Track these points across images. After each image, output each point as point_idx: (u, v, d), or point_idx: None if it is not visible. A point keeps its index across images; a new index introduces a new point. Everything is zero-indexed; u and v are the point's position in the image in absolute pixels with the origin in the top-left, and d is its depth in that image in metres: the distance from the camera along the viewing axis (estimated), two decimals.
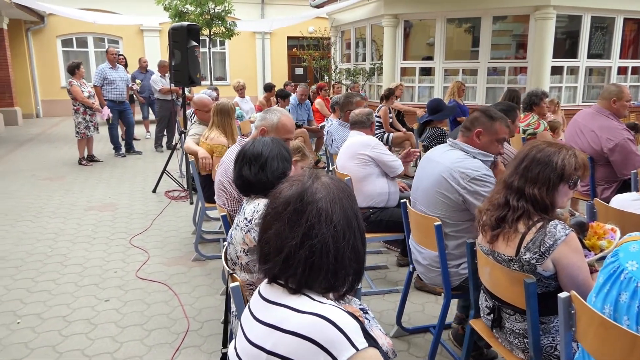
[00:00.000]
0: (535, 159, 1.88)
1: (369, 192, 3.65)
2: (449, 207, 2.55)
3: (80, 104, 7.65)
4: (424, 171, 2.75)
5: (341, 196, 1.17)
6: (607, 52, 9.64)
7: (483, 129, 2.57)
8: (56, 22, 14.36)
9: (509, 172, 1.97)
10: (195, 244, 4.20)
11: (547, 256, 1.80)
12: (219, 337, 2.93)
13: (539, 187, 1.84)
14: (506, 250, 1.92)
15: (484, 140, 2.58)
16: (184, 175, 6.57)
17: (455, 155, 2.58)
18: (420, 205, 2.72)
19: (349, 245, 1.14)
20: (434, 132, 5.26)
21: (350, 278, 1.17)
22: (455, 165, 2.52)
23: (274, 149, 2.17)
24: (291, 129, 2.94)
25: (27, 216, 5.31)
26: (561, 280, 1.84)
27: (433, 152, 2.80)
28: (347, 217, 1.15)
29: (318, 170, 1.24)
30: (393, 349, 1.48)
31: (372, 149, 3.69)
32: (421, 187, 2.74)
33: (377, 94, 10.93)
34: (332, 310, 1.06)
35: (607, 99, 3.95)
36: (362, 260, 1.19)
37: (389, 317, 3.18)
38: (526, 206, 1.86)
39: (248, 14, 15.67)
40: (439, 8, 9.67)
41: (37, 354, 2.78)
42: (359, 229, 1.18)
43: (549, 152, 1.87)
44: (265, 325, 1.11)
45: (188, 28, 5.80)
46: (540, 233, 1.81)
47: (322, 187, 1.16)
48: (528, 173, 1.88)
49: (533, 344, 1.86)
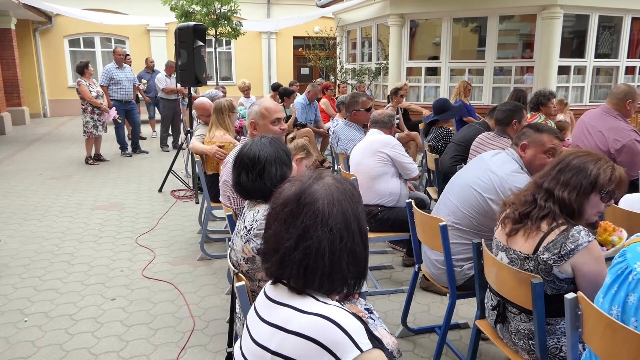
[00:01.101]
0: (570, 164, 1.87)
1: (381, 191, 3.66)
2: (483, 211, 2.55)
3: (88, 104, 7.69)
4: (470, 171, 2.73)
5: (341, 198, 1.13)
6: (615, 51, 9.56)
7: (528, 142, 2.54)
8: (63, 23, 14.45)
9: (542, 173, 1.96)
10: (201, 243, 4.21)
11: (566, 259, 1.79)
12: (224, 337, 2.93)
13: (569, 191, 1.83)
14: (523, 247, 1.91)
15: (530, 154, 2.54)
16: (190, 174, 6.59)
17: (510, 168, 2.54)
18: (454, 198, 2.71)
19: (346, 249, 1.11)
20: (440, 131, 5.25)
21: (350, 281, 1.15)
22: (510, 179, 2.48)
23: (271, 152, 2.10)
24: (276, 108, 2.96)
25: (34, 215, 5.35)
26: (580, 286, 1.82)
27: (489, 155, 2.73)
28: (346, 220, 1.12)
29: (322, 171, 1.22)
30: (398, 348, 1.47)
31: (392, 149, 3.71)
32: (459, 183, 2.73)
33: (383, 93, 10.92)
34: (337, 312, 1.06)
35: (622, 99, 3.90)
36: (362, 263, 1.16)
37: (394, 317, 3.18)
38: (553, 207, 1.84)
39: (254, 14, 15.70)
40: (445, 8, 9.63)
41: (44, 352, 2.80)
42: (359, 232, 1.15)
43: (586, 160, 1.86)
44: (270, 325, 1.11)
45: (194, 28, 5.82)
46: (563, 236, 1.80)
47: (322, 188, 1.14)
48: (561, 176, 1.87)
49: (539, 345, 1.85)
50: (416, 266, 2.92)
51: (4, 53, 12.45)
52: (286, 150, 2.19)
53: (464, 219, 2.63)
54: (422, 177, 5.77)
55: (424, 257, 2.88)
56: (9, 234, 4.74)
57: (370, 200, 3.64)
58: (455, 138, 4.63)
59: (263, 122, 2.94)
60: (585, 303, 1.50)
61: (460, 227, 2.64)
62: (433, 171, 4.64)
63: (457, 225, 2.65)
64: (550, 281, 1.85)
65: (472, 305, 3.14)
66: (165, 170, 6.58)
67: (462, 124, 6.66)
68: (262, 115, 2.92)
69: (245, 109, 7.83)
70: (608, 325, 1.39)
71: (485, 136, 3.98)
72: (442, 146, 5.01)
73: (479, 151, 3.97)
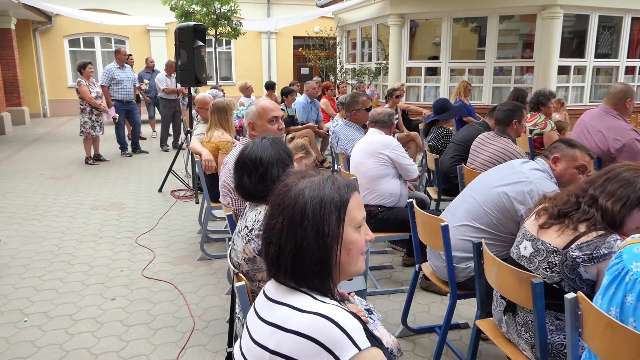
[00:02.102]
0: (619, 176, 1.87)
1: (382, 191, 3.67)
2: (506, 210, 2.55)
3: (87, 104, 7.70)
4: (498, 172, 2.73)
5: (311, 194, 1.15)
6: (615, 51, 9.57)
7: (560, 155, 2.54)
8: (63, 23, 14.45)
9: (590, 179, 1.96)
10: (201, 243, 4.21)
11: (596, 263, 1.79)
12: (224, 336, 2.94)
13: (614, 201, 1.82)
14: (555, 240, 1.90)
15: (560, 168, 2.54)
16: (190, 174, 6.59)
17: (540, 174, 2.54)
18: (477, 195, 2.70)
19: (291, 242, 1.13)
20: (440, 131, 5.25)
21: (314, 280, 1.14)
22: (539, 182, 2.49)
23: (272, 154, 2.10)
24: (273, 107, 2.96)
25: (34, 215, 5.35)
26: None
27: (519, 162, 2.73)
28: (302, 215, 1.13)
29: (309, 170, 1.24)
30: (399, 346, 1.47)
31: (392, 150, 3.70)
32: (484, 183, 2.73)
33: (383, 93, 10.92)
34: (335, 310, 1.06)
35: (621, 99, 3.90)
36: (311, 260, 1.12)
37: (395, 317, 3.18)
38: (596, 214, 1.84)
39: (254, 14, 15.70)
40: (445, 7, 9.64)
41: (43, 352, 2.80)
42: (317, 230, 1.12)
43: (637, 174, 1.85)
44: (269, 324, 1.11)
45: (194, 28, 5.82)
46: (599, 240, 1.80)
47: (296, 185, 1.18)
48: (608, 185, 1.87)
49: (540, 344, 1.85)
50: (416, 266, 2.91)
51: (4, 53, 12.45)
52: (287, 150, 2.19)
53: (483, 217, 2.61)
54: (422, 177, 5.77)
55: (429, 250, 2.87)
56: (8, 234, 4.74)
57: (370, 201, 3.64)
58: (455, 138, 4.63)
59: (260, 122, 2.93)
60: (585, 303, 1.50)
61: (476, 225, 2.62)
62: (433, 171, 4.64)
63: (474, 222, 2.63)
64: (572, 279, 1.85)
65: (472, 305, 3.14)
66: (165, 170, 6.59)
67: (462, 124, 6.67)
68: (259, 114, 2.92)
69: (245, 109, 7.82)
70: (608, 325, 1.39)
71: (485, 136, 3.98)
72: (442, 146, 5.02)
73: (479, 151, 3.97)
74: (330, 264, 1.14)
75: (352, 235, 1.18)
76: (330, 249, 1.14)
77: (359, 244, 1.19)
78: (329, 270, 1.15)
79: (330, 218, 1.14)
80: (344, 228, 1.16)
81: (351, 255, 1.18)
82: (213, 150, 4.25)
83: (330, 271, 1.15)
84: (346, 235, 1.16)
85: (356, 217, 1.19)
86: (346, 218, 1.16)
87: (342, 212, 1.16)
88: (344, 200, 1.17)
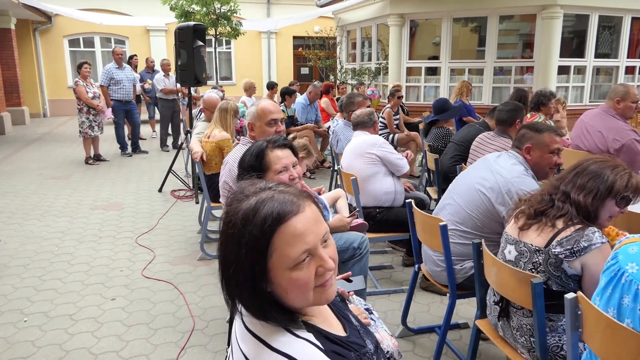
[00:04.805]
0: (587, 169, 1.91)
1: (376, 191, 3.67)
2: (488, 212, 2.56)
3: (84, 104, 7.70)
4: (476, 172, 2.73)
5: (248, 216, 0.97)
6: (615, 51, 9.57)
7: (532, 144, 2.53)
8: (63, 22, 14.44)
9: (560, 175, 2.00)
10: (201, 243, 4.21)
11: (578, 257, 1.81)
12: (224, 336, 2.94)
13: (585, 194, 1.86)
14: (536, 240, 1.93)
15: (535, 156, 2.53)
16: (190, 174, 6.59)
17: (517, 170, 2.53)
18: (459, 199, 2.71)
19: (228, 270, 1.00)
20: (440, 131, 5.25)
21: (271, 313, 1.01)
22: (516, 181, 2.48)
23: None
24: (273, 109, 2.94)
25: (34, 215, 5.34)
26: (586, 285, 1.84)
27: (494, 157, 2.71)
28: (239, 243, 0.97)
29: (251, 186, 1.07)
30: (399, 350, 1.47)
31: (379, 148, 3.70)
32: (464, 183, 2.74)
33: (383, 93, 10.92)
34: (304, 350, 0.98)
35: (612, 99, 3.93)
36: (254, 300, 1.00)
37: (394, 317, 3.18)
38: (570, 209, 1.87)
39: (254, 14, 15.71)
40: (445, 7, 9.64)
41: (43, 352, 2.80)
42: (248, 260, 0.97)
43: (604, 166, 1.89)
44: (243, 355, 1.04)
45: (194, 28, 5.82)
46: (578, 234, 1.82)
47: (247, 206, 1.00)
48: (577, 180, 1.90)
49: (540, 344, 1.85)
50: (416, 266, 2.92)
51: (4, 53, 12.45)
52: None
53: (468, 220, 2.63)
54: (422, 177, 5.77)
55: (424, 254, 2.88)
56: (8, 234, 4.74)
57: (367, 203, 3.64)
58: (455, 138, 4.63)
59: (259, 124, 2.91)
60: (585, 303, 1.50)
61: (462, 228, 2.64)
62: (433, 171, 4.64)
63: (460, 226, 2.65)
64: (558, 276, 1.87)
65: (472, 305, 3.14)
66: (165, 170, 6.58)
67: (462, 124, 6.67)
68: (258, 116, 2.91)
69: (246, 108, 7.83)
70: (608, 325, 1.39)
71: (486, 136, 3.98)
72: (442, 146, 5.02)
73: (479, 151, 3.97)
74: (272, 302, 1.01)
75: (285, 276, 0.97)
76: (262, 292, 1.00)
77: (299, 284, 0.98)
78: (276, 307, 1.01)
79: (244, 264, 0.97)
80: (271, 272, 0.98)
81: (295, 295, 1.00)
82: (213, 149, 4.26)
83: (280, 307, 1.02)
84: (276, 279, 0.98)
85: (289, 256, 0.96)
86: (271, 260, 0.96)
87: (259, 255, 0.96)
88: (266, 238, 0.95)
